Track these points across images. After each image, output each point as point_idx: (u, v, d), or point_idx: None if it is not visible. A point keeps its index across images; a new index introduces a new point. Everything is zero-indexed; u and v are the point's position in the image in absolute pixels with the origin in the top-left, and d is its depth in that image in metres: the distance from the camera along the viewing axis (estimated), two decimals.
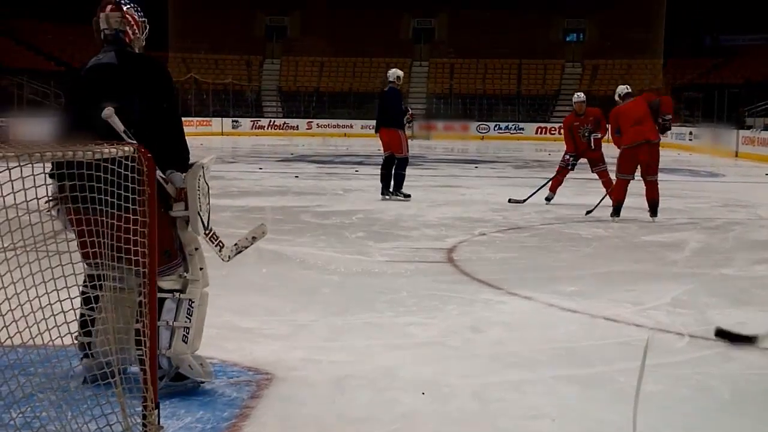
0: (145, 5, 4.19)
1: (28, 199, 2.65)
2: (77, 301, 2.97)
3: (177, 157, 3.76)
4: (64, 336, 2.93)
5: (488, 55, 46.90)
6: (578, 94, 12.54)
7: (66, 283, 2.89)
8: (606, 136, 11.57)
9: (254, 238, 4.15)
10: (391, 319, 5.38)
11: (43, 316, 2.81)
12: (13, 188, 2.56)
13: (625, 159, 10.22)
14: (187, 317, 3.80)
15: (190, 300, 3.82)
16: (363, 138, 38.33)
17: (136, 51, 3.99)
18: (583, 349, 4.74)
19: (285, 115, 44.47)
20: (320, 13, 47.91)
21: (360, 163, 21.39)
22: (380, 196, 12.40)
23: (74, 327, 2.99)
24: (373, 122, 13.09)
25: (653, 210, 10.12)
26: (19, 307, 2.72)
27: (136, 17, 3.99)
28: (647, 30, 44.24)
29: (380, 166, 12.73)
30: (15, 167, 2.54)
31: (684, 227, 9.92)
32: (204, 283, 3.91)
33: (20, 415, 2.93)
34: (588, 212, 10.72)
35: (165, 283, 3.74)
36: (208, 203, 3.82)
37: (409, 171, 12.77)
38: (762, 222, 10.56)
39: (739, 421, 3.74)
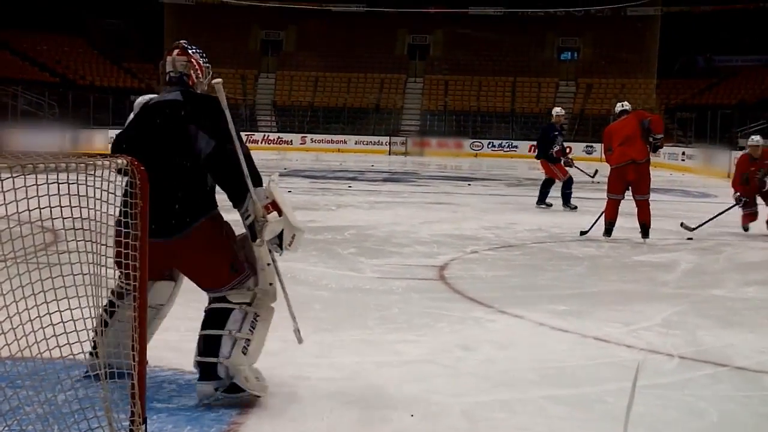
0: (140, 18, 4.29)
1: (19, 211, 2.65)
2: (66, 314, 2.96)
3: (254, 178, 3.86)
4: (53, 349, 2.92)
5: (483, 73, 47.05)
6: (753, 137, 12.02)
7: (56, 296, 2.88)
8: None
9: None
10: (381, 336, 5.37)
11: (32, 328, 2.80)
12: (5, 200, 2.56)
13: (613, 179, 10.29)
14: (250, 329, 3.87)
15: (256, 313, 3.90)
16: (357, 153, 38.39)
17: (198, 92, 4.16)
18: (573, 369, 4.74)
19: (279, 129, 44.47)
20: (316, 29, 48.05)
21: (353, 179, 21.40)
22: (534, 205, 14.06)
23: (63, 340, 2.98)
24: (366, 138, 13.69)
25: (644, 232, 10.13)
26: (8, 319, 2.71)
27: (201, 62, 4.20)
28: (641, 50, 44.46)
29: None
30: (7, 178, 2.54)
31: (675, 248, 9.93)
32: (272, 298, 4.00)
33: (6, 428, 2.91)
34: (583, 233, 10.67)
35: (234, 297, 3.89)
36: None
37: (401, 188, 12.81)
38: (753, 243, 10.59)
39: None
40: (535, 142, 16.32)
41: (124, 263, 3.08)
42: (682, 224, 10.64)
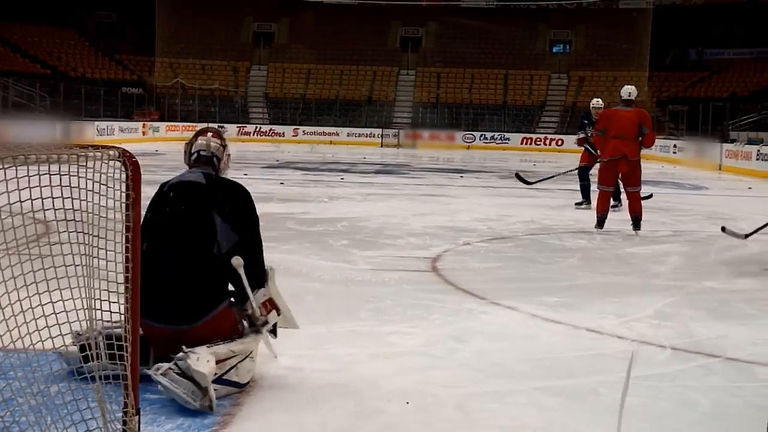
0: (132, 10, 4.33)
1: (10, 202, 2.63)
2: (59, 305, 2.94)
3: (261, 276, 4.14)
4: (45, 340, 2.91)
5: (475, 65, 47.08)
6: None
7: (48, 287, 2.86)
8: None
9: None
10: (374, 327, 5.37)
11: (24, 320, 2.78)
12: None
13: (604, 171, 10.30)
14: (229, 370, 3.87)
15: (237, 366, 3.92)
16: (349, 145, 38.38)
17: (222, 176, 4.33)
18: (566, 361, 4.75)
19: (271, 121, 44.44)
20: (308, 21, 47.99)
21: (346, 171, 21.39)
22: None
23: (55, 331, 2.96)
24: (359, 130, 13.36)
25: (636, 223, 10.14)
26: (0, 310, 2.70)
27: (228, 150, 4.39)
28: (633, 42, 44.52)
29: None
30: None
31: (667, 240, 9.96)
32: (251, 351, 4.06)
33: None
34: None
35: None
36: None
37: (393, 179, 12.82)
38: None
39: None
40: (526, 135, 16.19)
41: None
42: (724, 229, 9.11)
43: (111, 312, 3.18)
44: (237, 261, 4.00)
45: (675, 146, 31.19)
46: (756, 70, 41.16)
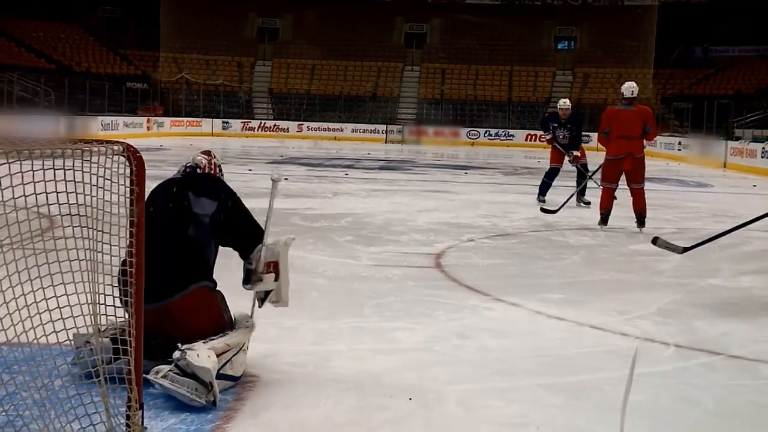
0: (137, 5, 4.35)
1: (15, 197, 2.63)
2: (62, 300, 2.95)
3: (259, 235, 4.14)
4: (49, 334, 2.92)
5: (480, 61, 47.03)
6: None
7: (52, 282, 2.87)
8: None
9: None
10: (378, 324, 5.37)
11: (28, 314, 2.79)
12: (0, 185, 2.55)
13: (608, 168, 10.29)
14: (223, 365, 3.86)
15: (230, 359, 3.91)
16: (353, 141, 38.37)
17: None
18: (569, 358, 4.75)
19: (275, 117, 44.44)
20: (312, 16, 47.98)
21: (350, 167, 21.38)
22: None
23: (59, 326, 2.97)
24: (363, 126, 13.39)
25: (640, 221, 10.12)
26: (4, 305, 2.70)
27: (217, 170, 4.43)
28: (638, 39, 44.44)
29: None
30: (3, 164, 2.53)
31: (671, 237, 9.92)
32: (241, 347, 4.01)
33: (3, 413, 2.90)
34: (545, 211, 11.34)
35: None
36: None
37: (397, 176, 12.81)
38: (748, 233, 10.57)
39: None
40: (531, 131, 16.12)
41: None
42: (655, 241, 7.63)
43: (115, 306, 3.19)
44: (276, 175, 4.21)
45: (680, 143, 31.14)
46: (761, 68, 41.09)
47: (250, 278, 4.08)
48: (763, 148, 24.07)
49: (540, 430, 3.61)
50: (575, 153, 12.94)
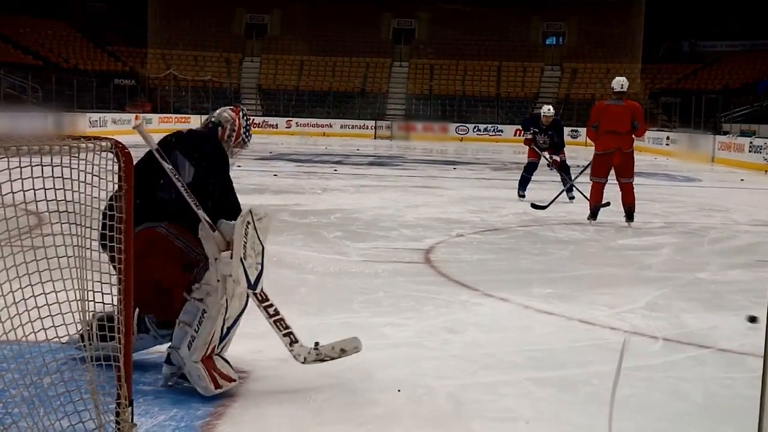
0: (125, 1, 4.32)
1: (2, 194, 2.62)
2: (51, 297, 2.94)
3: (231, 211, 3.90)
4: (37, 332, 2.91)
5: (468, 57, 47.01)
6: None
7: (40, 279, 2.86)
8: None
9: (343, 351, 4.14)
10: (367, 319, 5.37)
11: (17, 311, 2.78)
12: None
13: (597, 163, 10.34)
14: (197, 326, 3.80)
15: (203, 310, 3.82)
16: (342, 137, 38.33)
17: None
18: (559, 352, 4.76)
19: (264, 113, 44.31)
20: (301, 12, 47.85)
21: (339, 163, 21.38)
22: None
23: (48, 323, 2.96)
24: (352, 122, 13.34)
25: (629, 215, 10.15)
26: None
27: (242, 128, 4.24)
28: (626, 34, 44.50)
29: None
30: None
31: (660, 231, 9.98)
32: (221, 294, 3.80)
33: None
34: (535, 206, 11.29)
35: (195, 293, 3.86)
36: (259, 263, 3.80)
37: (386, 171, 12.82)
38: (737, 227, 10.64)
39: (710, 425, 3.76)
40: (520, 127, 16.08)
41: (110, 246, 3.07)
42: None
43: (104, 303, 3.18)
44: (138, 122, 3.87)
45: (668, 138, 31.21)
46: (749, 63, 41.22)
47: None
48: (751, 142, 24.17)
49: (529, 424, 3.62)
50: (555, 158, 12.98)
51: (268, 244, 4.00)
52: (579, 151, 13.12)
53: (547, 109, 13.23)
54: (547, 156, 13.07)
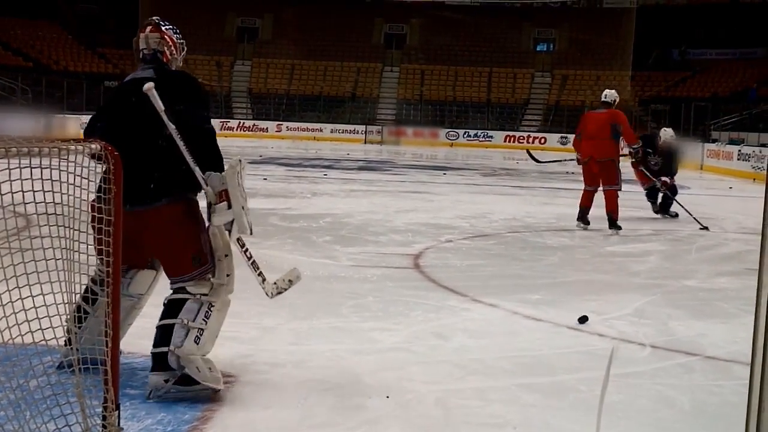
0: (115, 3, 4.25)
1: None
2: (39, 300, 2.93)
3: (213, 161, 3.87)
4: (25, 335, 2.89)
5: (459, 62, 47.07)
6: None
7: (28, 281, 2.85)
8: None
9: (290, 282, 4.34)
10: (356, 324, 5.37)
11: (4, 314, 2.77)
12: None
13: (583, 172, 10.49)
14: (204, 319, 3.81)
15: (210, 303, 3.85)
16: (332, 142, 38.32)
17: (173, 69, 4.13)
18: (547, 358, 4.77)
19: (254, 116, 44.29)
20: (292, 16, 47.85)
21: (329, 167, 21.37)
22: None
23: (35, 325, 2.95)
24: (342, 126, 13.25)
25: (610, 222, 10.13)
26: None
27: (174, 39, 4.15)
28: (616, 42, 44.64)
29: None
30: None
31: (648, 238, 10.01)
32: (229, 289, 3.95)
33: None
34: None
35: (193, 287, 3.85)
36: (248, 208, 3.94)
37: (376, 176, 12.82)
38: (725, 235, 10.68)
39: None
40: (509, 132, 15.99)
41: (99, 249, 3.05)
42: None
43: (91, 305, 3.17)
44: (148, 85, 3.73)
45: None
46: (738, 71, 41.41)
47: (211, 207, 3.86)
48: (740, 150, 24.28)
49: (517, 429, 3.62)
50: (664, 179, 12.00)
51: (257, 248, 4.01)
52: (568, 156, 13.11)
53: (665, 131, 12.37)
54: (659, 180, 11.99)
